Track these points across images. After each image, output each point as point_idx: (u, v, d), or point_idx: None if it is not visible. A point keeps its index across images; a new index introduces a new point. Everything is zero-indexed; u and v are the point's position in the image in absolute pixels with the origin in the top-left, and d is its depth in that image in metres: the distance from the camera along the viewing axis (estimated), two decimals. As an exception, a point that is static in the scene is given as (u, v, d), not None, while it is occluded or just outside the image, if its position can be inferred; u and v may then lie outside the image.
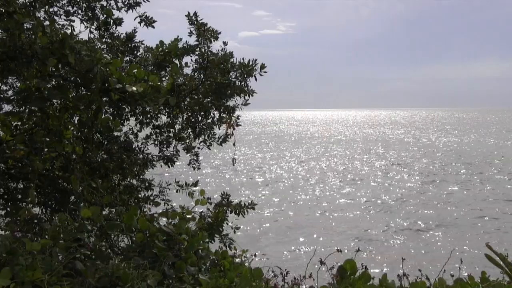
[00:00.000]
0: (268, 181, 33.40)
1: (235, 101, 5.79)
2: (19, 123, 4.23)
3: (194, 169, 6.76)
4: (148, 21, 5.97)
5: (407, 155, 48.77)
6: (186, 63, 5.63)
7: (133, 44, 6.17)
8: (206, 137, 6.31)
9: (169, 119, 6.23)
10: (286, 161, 45.69)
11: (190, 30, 5.28)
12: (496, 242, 17.21)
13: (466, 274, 3.04)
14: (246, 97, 5.73)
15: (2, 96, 5.61)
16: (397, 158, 46.90)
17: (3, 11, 3.72)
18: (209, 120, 6.11)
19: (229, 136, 6.11)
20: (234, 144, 6.13)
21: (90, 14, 5.63)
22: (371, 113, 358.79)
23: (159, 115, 6.14)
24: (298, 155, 51.26)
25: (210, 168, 38.98)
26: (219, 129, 6.20)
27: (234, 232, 6.07)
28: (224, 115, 5.97)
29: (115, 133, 5.78)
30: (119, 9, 5.77)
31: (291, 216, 22.78)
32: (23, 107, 4.03)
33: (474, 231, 19.75)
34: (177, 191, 6.83)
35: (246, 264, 3.55)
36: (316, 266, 3.05)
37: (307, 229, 20.32)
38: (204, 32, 5.24)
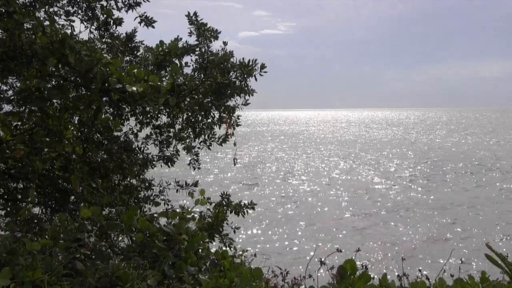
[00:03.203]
0: (268, 181, 33.40)
1: (235, 101, 5.79)
2: (19, 123, 4.23)
3: (194, 169, 6.76)
4: (148, 21, 5.97)
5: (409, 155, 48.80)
6: (186, 63, 5.63)
7: (133, 44, 6.17)
8: (206, 137, 6.31)
9: (169, 119, 6.23)
10: (288, 161, 45.69)
11: (190, 30, 5.28)
12: (496, 242, 17.23)
13: (466, 274, 3.04)
14: (246, 97, 5.73)
15: (2, 96, 5.61)
16: (397, 157, 46.92)
17: (3, 11, 3.72)
18: (209, 120, 6.11)
19: (229, 136, 6.10)
20: (234, 144, 6.13)
21: (90, 14, 5.63)
22: (379, 113, 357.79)
23: (159, 115, 6.14)
24: (301, 155, 51.27)
25: (217, 167, 39.01)
26: (219, 129, 6.19)
27: (234, 232, 6.07)
28: (224, 115, 5.97)
29: (115, 133, 5.78)
30: (119, 9, 5.77)
31: (292, 216, 22.78)
32: (23, 107, 4.03)
33: (475, 231, 19.74)
34: (177, 191, 6.83)
35: (246, 264, 3.55)
36: (316, 266, 3.05)
37: (307, 229, 20.31)
38: (204, 32, 5.24)
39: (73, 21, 5.31)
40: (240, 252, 3.73)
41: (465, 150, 52.87)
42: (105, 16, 5.67)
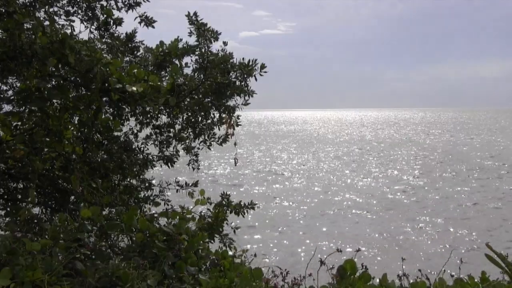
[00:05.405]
0: (269, 180, 33.41)
1: (235, 101, 5.80)
2: (19, 123, 4.23)
3: (193, 169, 6.77)
4: (148, 21, 5.97)
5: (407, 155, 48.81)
6: (186, 63, 5.63)
7: (133, 44, 6.17)
8: (206, 137, 6.31)
9: (169, 119, 6.23)
10: (288, 161, 45.71)
11: (190, 30, 5.28)
12: (496, 242, 17.21)
13: (466, 274, 3.04)
14: (246, 97, 5.73)
15: (2, 96, 5.61)
16: (396, 158, 46.94)
17: (3, 11, 3.72)
18: (209, 120, 6.11)
19: (229, 136, 6.11)
20: (235, 144, 6.13)
21: (90, 14, 5.63)
22: (381, 114, 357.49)
23: (159, 115, 6.14)
24: (301, 155, 51.29)
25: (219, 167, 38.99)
26: (219, 129, 6.20)
27: (234, 232, 6.06)
28: (224, 115, 5.97)
29: (115, 133, 5.78)
30: (119, 9, 5.77)
31: (292, 216, 22.78)
32: (23, 107, 4.03)
33: (475, 230, 19.74)
34: (177, 191, 6.83)
35: (246, 264, 3.55)
36: (316, 266, 3.05)
37: (308, 229, 20.32)
38: (204, 32, 5.24)
39: (73, 21, 5.31)
40: (240, 252, 3.73)
41: (466, 150, 52.89)
42: (105, 16, 5.67)
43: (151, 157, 6.52)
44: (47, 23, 3.77)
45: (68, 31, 4.87)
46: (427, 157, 47.09)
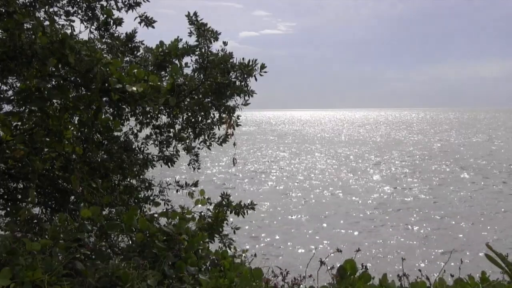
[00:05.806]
0: (269, 180, 33.41)
1: (235, 101, 5.80)
2: (19, 123, 4.23)
3: (194, 169, 6.77)
4: (148, 21, 5.98)
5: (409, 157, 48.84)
6: (186, 63, 5.64)
7: (133, 44, 6.17)
8: (206, 137, 6.31)
9: (169, 119, 6.24)
10: (288, 161, 45.72)
11: (190, 30, 5.28)
12: (496, 242, 17.21)
13: (466, 274, 3.04)
14: (246, 97, 5.73)
15: (2, 96, 5.61)
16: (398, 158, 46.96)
17: (3, 11, 3.72)
18: (209, 120, 6.12)
19: (229, 136, 6.11)
20: (234, 144, 6.13)
21: (90, 14, 5.64)
22: (384, 113, 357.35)
23: (159, 115, 6.14)
24: (301, 155, 51.30)
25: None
26: (219, 129, 6.20)
27: (234, 232, 6.07)
28: (224, 115, 5.97)
29: (115, 133, 5.78)
30: (119, 9, 5.78)
31: (291, 216, 22.79)
32: (23, 107, 4.03)
33: (475, 230, 19.75)
34: (177, 191, 6.83)
35: (246, 264, 3.55)
36: (316, 266, 3.05)
37: (307, 229, 20.32)
38: (204, 32, 5.24)
39: (73, 21, 5.31)
40: (240, 252, 3.73)
41: (465, 150, 52.91)
42: (105, 16, 5.68)
43: (151, 157, 6.53)
44: (47, 23, 3.77)
45: (68, 31, 4.87)
46: (426, 157, 47.09)
